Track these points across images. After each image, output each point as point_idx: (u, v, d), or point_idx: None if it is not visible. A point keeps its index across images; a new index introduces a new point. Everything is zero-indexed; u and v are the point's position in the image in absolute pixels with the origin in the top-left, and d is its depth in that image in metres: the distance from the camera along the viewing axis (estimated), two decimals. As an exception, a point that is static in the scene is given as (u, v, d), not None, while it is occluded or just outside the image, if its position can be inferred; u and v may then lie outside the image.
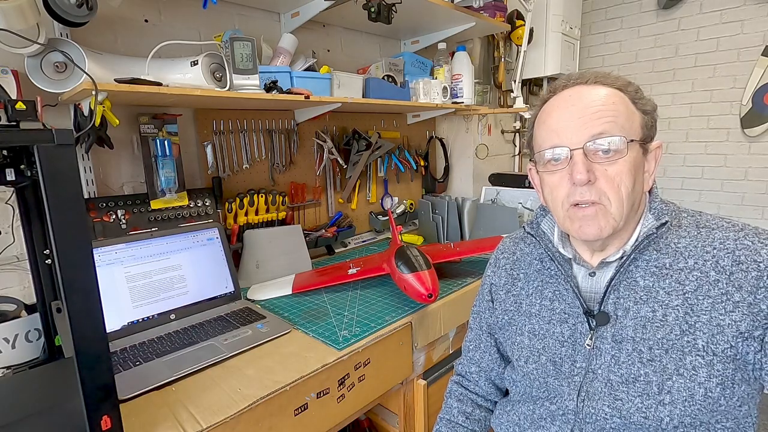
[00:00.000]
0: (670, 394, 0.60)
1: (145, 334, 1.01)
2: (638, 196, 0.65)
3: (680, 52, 2.32)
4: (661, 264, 0.65)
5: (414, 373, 1.15)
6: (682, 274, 0.63)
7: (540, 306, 0.75)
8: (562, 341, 0.71)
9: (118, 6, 1.15)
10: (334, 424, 0.96)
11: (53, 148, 0.55)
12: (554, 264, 0.74)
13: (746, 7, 2.11)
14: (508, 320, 0.81)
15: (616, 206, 0.63)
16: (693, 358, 0.60)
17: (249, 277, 1.38)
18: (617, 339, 0.65)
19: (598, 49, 2.60)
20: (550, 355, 0.72)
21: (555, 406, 0.72)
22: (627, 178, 0.62)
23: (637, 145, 0.63)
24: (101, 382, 0.60)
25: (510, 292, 0.81)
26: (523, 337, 0.77)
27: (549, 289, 0.75)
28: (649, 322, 0.63)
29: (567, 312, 0.71)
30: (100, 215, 1.15)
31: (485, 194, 2.10)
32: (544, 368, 0.73)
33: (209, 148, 1.37)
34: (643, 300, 0.64)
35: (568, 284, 0.71)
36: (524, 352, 0.76)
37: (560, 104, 0.66)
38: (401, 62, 1.66)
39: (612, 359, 0.65)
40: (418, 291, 1.11)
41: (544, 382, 0.73)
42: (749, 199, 2.23)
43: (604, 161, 0.62)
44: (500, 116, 2.36)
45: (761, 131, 2.13)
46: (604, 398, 0.65)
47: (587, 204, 0.64)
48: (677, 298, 0.62)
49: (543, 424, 0.74)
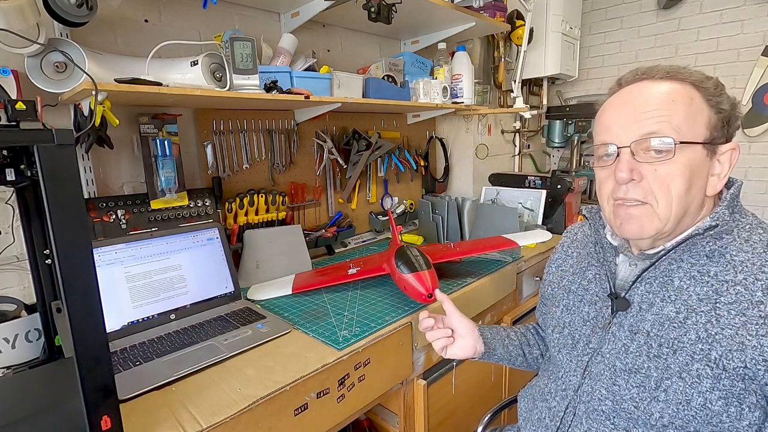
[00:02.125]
0: (665, 392, 0.61)
1: (145, 334, 1.01)
2: (695, 199, 0.62)
3: (680, 52, 2.32)
4: (705, 270, 0.62)
5: (414, 373, 1.15)
6: (724, 286, 0.60)
7: (579, 285, 0.79)
8: (586, 320, 0.74)
9: (118, 6, 1.15)
10: (334, 424, 0.96)
11: (53, 148, 0.55)
12: (599, 248, 0.77)
13: (746, 7, 2.10)
14: (550, 292, 0.87)
15: (663, 207, 0.62)
16: (701, 366, 0.58)
17: (249, 277, 1.38)
18: (633, 330, 0.66)
19: (598, 49, 2.60)
20: (572, 330, 0.76)
21: (561, 381, 0.76)
22: (679, 180, 0.60)
23: (699, 146, 0.60)
24: (101, 382, 0.60)
25: (560, 267, 0.87)
26: (558, 309, 0.82)
27: (591, 271, 0.78)
28: (668, 320, 0.63)
29: (598, 295, 0.74)
30: (100, 215, 1.15)
31: (485, 194, 2.10)
32: (565, 340, 0.77)
33: (209, 148, 1.37)
34: (671, 299, 0.64)
35: (606, 269, 0.73)
36: (553, 322, 0.82)
37: (617, 101, 0.66)
38: (401, 62, 1.66)
39: (623, 347, 0.66)
40: (418, 291, 1.11)
41: (558, 353, 0.78)
42: (749, 199, 2.23)
43: (654, 161, 0.61)
44: (500, 116, 2.36)
45: (761, 131, 2.13)
46: (604, 381, 0.67)
47: (633, 203, 0.64)
48: (707, 305, 0.60)
49: (547, 398, 0.78)
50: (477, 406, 1.39)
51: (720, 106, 0.61)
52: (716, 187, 0.63)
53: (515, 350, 0.93)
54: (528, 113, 2.23)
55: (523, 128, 2.50)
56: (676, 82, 0.62)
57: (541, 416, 0.78)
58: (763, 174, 2.18)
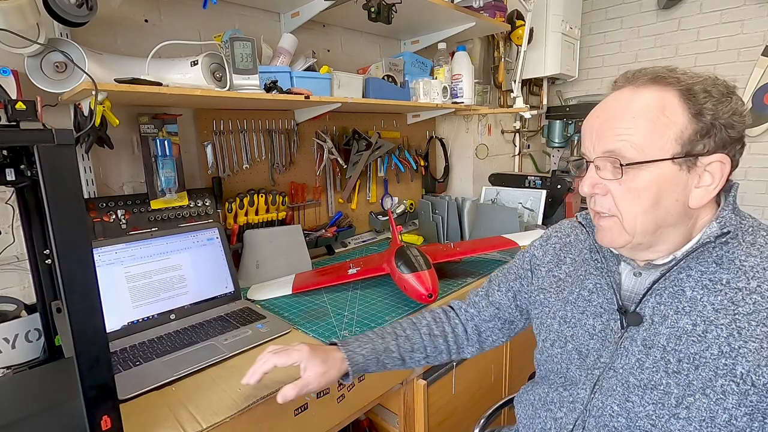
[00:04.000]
0: (688, 410, 0.58)
1: (145, 334, 1.01)
2: (668, 213, 0.60)
3: (680, 52, 2.32)
4: (716, 278, 0.60)
5: (414, 373, 1.15)
6: (738, 294, 0.58)
7: (578, 295, 0.76)
8: (593, 334, 0.71)
9: (118, 6, 1.15)
10: (334, 424, 0.96)
11: (53, 148, 0.55)
12: (600, 256, 0.73)
13: (746, 7, 2.10)
14: (542, 299, 0.82)
15: (628, 222, 0.62)
16: (726, 382, 0.56)
17: (249, 277, 1.38)
18: (647, 344, 0.63)
19: (598, 49, 2.60)
20: (577, 344, 0.73)
21: (567, 393, 0.73)
22: (643, 196, 0.59)
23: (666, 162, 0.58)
24: (101, 382, 0.60)
25: (552, 272, 0.82)
26: (554, 321, 0.78)
27: (591, 281, 0.75)
28: (686, 334, 0.60)
29: (603, 307, 0.71)
30: (100, 215, 1.15)
31: (485, 194, 2.10)
32: (569, 355, 0.74)
33: (209, 148, 1.37)
34: (685, 311, 0.61)
35: (609, 279, 0.70)
36: (551, 335, 0.77)
37: (594, 111, 0.66)
38: (401, 62, 1.66)
39: (637, 362, 0.64)
40: (418, 291, 1.11)
41: (565, 368, 0.74)
42: (749, 199, 2.23)
43: (614, 179, 0.61)
44: (500, 116, 2.36)
45: (761, 131, 2.13)
46: (616, 396, 0.65)
47: (603, 214, 0.64)
48: (725, 317, 0.58)
49: (552, 407, 0.75)
50: (477, 406, 1.39)
51: (704, 117, 0.57)
52: (702, 200, 0.60)
53: (392, 363, 0.84)
54: (528, 113, 2.23)
55: (523, 128, 2.50)
56: (659, 88, 0.59)
57: (546, 426, 0.76)
58: (763, 174, 2.18)
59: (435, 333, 0.89)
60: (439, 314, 0.93)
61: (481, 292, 0.94)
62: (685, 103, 0.58)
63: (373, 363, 0.81)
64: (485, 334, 0.92)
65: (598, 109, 0.66)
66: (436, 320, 0.92)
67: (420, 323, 0.90)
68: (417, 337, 0.87)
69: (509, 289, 0.89)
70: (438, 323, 0.91)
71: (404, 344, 0.85)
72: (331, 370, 0.75)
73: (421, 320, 0.91)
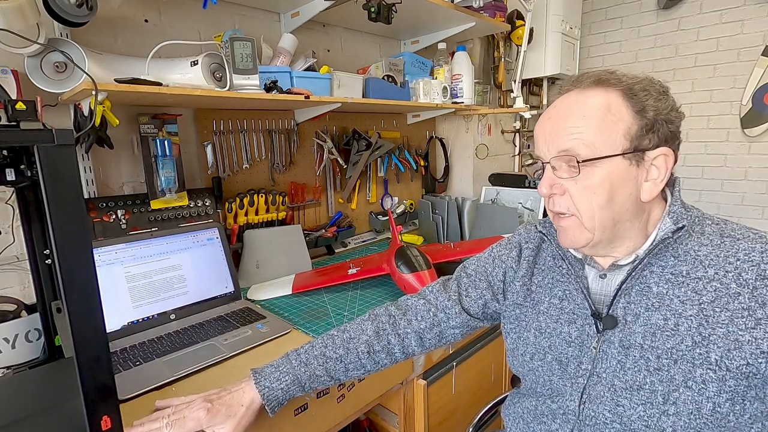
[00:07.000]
0: (675, 405, 0.59)
1: (145, 334, 1.01)
2: (624, 208, 0.62)
3: (680, 52, 2.32)
4: (677, 271, 0.62)
5: (414, 373, 1.15)
6: (699, 284, 0.60)
7: (549, 304, 0.75)
8: (570, 341, 0.71)
9: (118, 6, 1.15)
10: (334, 424, 0.96)
11: (53, 148, 0.54)
12: (565, 263, 0.73)
13: (746, 7, 2.10)
14: (518, 314, 0.80)
15: (586, 219, 0.63)
16: (704, 371, 0.58)
17: (249, 277, 1.38)
18: (625, 344, 0.64)
19: (598, 49, 2.60)
20: (556, 354, 0.72)
21: (556, 405, 0.72)
22: (600, 192, 0.61)
23: (617, 158, 0.61)
24: (101, 382, 0.60)
25: (525, 285, 0.80)
26: (530, 334, 0.77)
27: (559, 288, 0.75)
28: (659, 330, 0.62)
29: (576, 312, 0.71)
30: (100, 215, 1.15)
31: (485, 194, 2.10)
32: (550, 366, 0.73)
33: (209, 148, 1.37)
34: (655, 307, 0.63)
35: (578, 284, 0.71)
36: (529, 349, 0.76)
37: (545, 114, 0.68)
38: (401, 62, 1.66)
39: (618, 364, 0.65)
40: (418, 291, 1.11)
41: (548, 380, 0.73)
42: (749, 199, 2.23)
43: (570, 177, 0.63)
44: (500, 116, 2.36)
45: (761, 131, 2.12)
46: (606, 403, 0.65)
47: (562, 215, 0.66)
48: (692, 307, 0.60)
49: (545, 420, 0.74)
50: (477, 407, 1.39)
51: (646, 114, 0.61)
52: (652, 193, 0.63)
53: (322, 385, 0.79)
54: (528, 113, 2.22)
55: (523, 128, 2.50)
56: (603, 89, 0.62)
57: None
58: (763, 174, 2.18)
59: (376, 349, 0.81)
60: (384, 323, 0.84)
61: (454, 297, 0.85)
62: (628, 101, 0.61)
63: (298, 391, 0.76)
64: (447, 339, 0.86)
65: (548, 112, 0.67)
66: (379, 333, 0.82)
67: (358, 339, 0.81)
68: (352, 357, 0.80)
69: (480, 296, 0.84)
70: (381, 336, 0.82)
71: (335, 366, 0.78)
72: (243, 419, 0.71)
73: (360, 336, 0.82)
